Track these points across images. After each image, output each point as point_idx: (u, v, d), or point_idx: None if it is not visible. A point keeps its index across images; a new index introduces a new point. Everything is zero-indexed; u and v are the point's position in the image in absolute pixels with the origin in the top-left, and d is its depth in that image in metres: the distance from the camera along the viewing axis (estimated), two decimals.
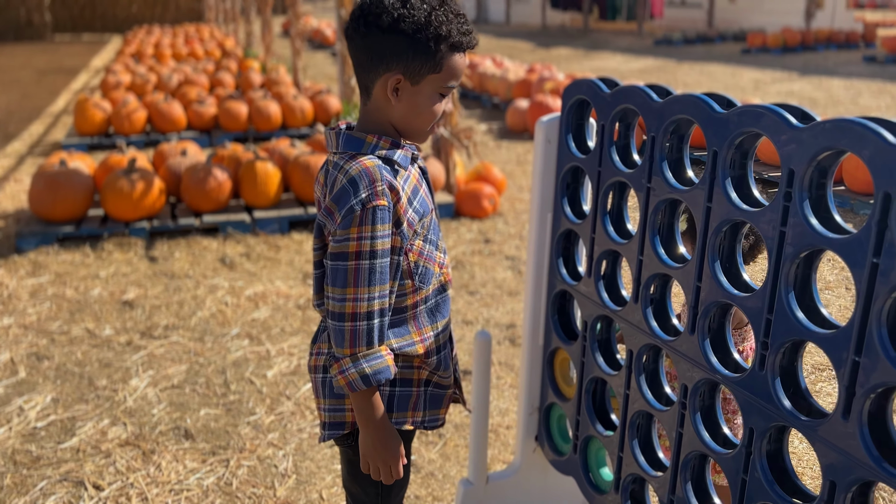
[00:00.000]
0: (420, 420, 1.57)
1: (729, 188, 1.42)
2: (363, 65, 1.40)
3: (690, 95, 1.49)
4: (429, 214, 1.48)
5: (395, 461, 1.47)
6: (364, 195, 1.35)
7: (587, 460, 1.96)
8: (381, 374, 1.39)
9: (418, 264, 1.46)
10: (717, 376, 1.48)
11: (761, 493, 1.40)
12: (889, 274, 1.09)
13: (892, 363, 1.13)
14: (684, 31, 20.36)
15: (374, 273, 1.37)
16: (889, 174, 1.08)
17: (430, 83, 1.40)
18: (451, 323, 1.61)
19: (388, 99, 1.40)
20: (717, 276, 1.45)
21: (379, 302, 1.39)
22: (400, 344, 1.48)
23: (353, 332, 1.38)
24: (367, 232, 1.35)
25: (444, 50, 1.37)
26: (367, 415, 1.44)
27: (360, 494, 1.61)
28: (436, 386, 1.58)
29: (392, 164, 1.42)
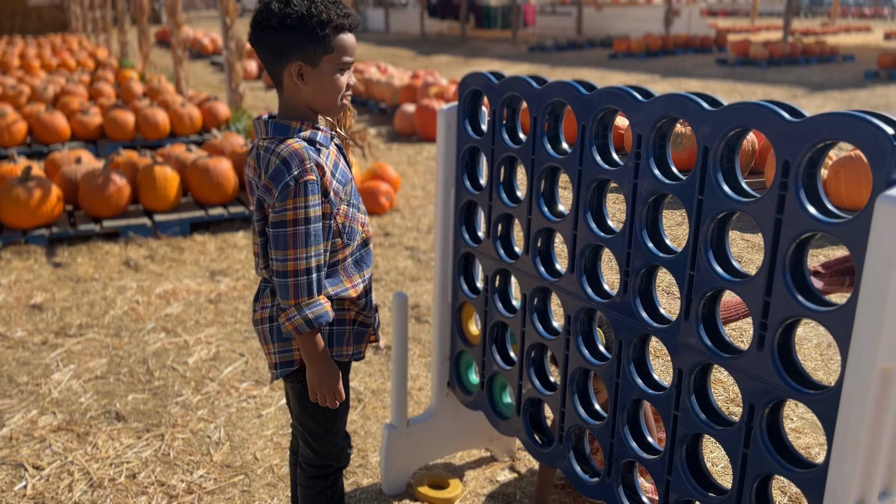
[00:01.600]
0: (351, 353, 1.87)
1: (595, 154, 1.80)
2: (270, 62, 1.69)
3: (563, 82, 1.87)
4: (349, 183, 1.78)
5: (337, 388, 1.76)
6: (296, 172, 1.63)
7: (492, 394, 2.31)
8: (322, 318, 1.68)
9: (345, 225, 1.76)
10: (591, 303, 1.86)
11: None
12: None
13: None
14: (556, 38, 21.40)
15: (310, 236, 1.66)
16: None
17: (328, 63, 1.68)
18: (371, 273, 1.92)
19: (297, 85, 1.68)
20: (589, 224, 1.84)
21: (315, 259, 1.67)
22: (336, 291, 1.78)
23: (295, 285, 1.66)
24: (301, 202, 1.64)
25: (329, 33, 1.65)
26: (312, 353, 1.72)
27: (309, 423, 1.89)
28: (360, 325, 1.89)
29: (315, 144, 1.70)
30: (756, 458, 1.50)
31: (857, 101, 10.88)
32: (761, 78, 13.64)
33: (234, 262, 4.75)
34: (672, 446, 1.69)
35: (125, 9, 16.31)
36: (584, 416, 1.95)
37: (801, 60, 15.57)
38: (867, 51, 18.49)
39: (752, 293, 1.46)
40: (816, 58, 15.77)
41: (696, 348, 1.61)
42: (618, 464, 1.86)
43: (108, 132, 7.89)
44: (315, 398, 1.77)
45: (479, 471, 2.59)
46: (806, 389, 1.41)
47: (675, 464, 1.69)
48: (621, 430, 1.83)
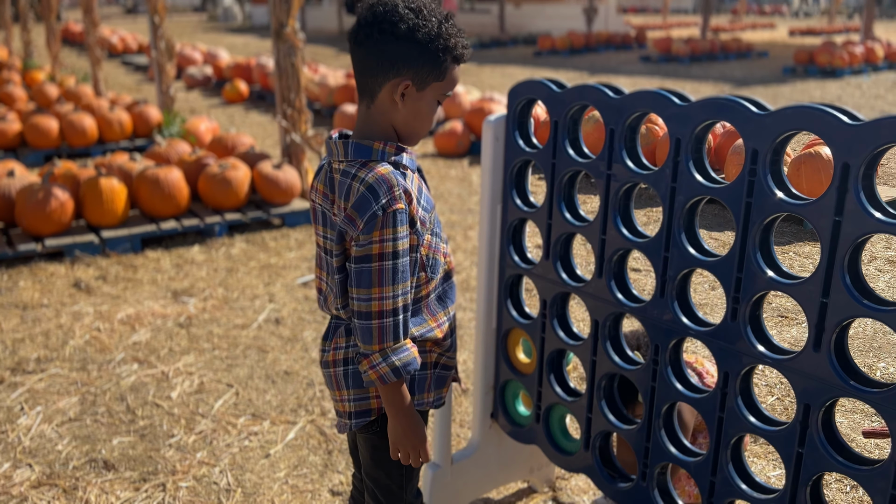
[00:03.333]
0: (431, 401, 1.67)
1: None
2: (371, 69, 1.47)
3: (649, 91, 1.72)
4: (433, 210, 1.58)
5: (423, 445, 1.56)
6: (384, 200, 1.43)
7: (549, 427, 2.15)
8: (410, 366, 1.48)
9: (429, 256, 1.56)
10: (689, 332, 1.72)
11: (740, 426, 1.65)
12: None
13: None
14: (479, 36, 21.38)
15: (398, 272, 1.45)
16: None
17: (434, 90, 1.50)
18: (455, 309, 1.72)
19: (395, 103, 1.48)
20: (683, 245, 1.69)
21: (402, 298, 1.47)
22: (421, 331, 1.57)
23: (380, 328, 1.45)
24: (389, 234, 1.44)
25: (448, 60, 1.48)
26: (398, 404, 1.52)
27: (383, 479, 1.68)
28: (443, 367, 1.69)
29: (400, 167, 1.50)
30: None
31: (782, 96, 11.24)
32: (686, 74, 13.95)
33: (195, 279, 4.41)
34: (795, 485, 1.57)
35: (28, 4, 15.32)
36: (674, 453, 1.81)
37: (721, 56, 16.03)
38: (777, 47, 19.23)
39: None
40: (734, 54, 16.27)
41: (828, 381, 1.48)
42: (719, 502, 1.73)
43: (29, 140, 7.30)
44: (397, 455, 1.56)
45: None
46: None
47: (721, 465, 1.58)
48: (725, 467, 1.70)
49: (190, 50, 15.99)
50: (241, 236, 5.15)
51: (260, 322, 3.83)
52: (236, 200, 5.20)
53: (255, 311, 3.97)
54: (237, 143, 6.00)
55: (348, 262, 1.47)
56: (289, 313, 3.92)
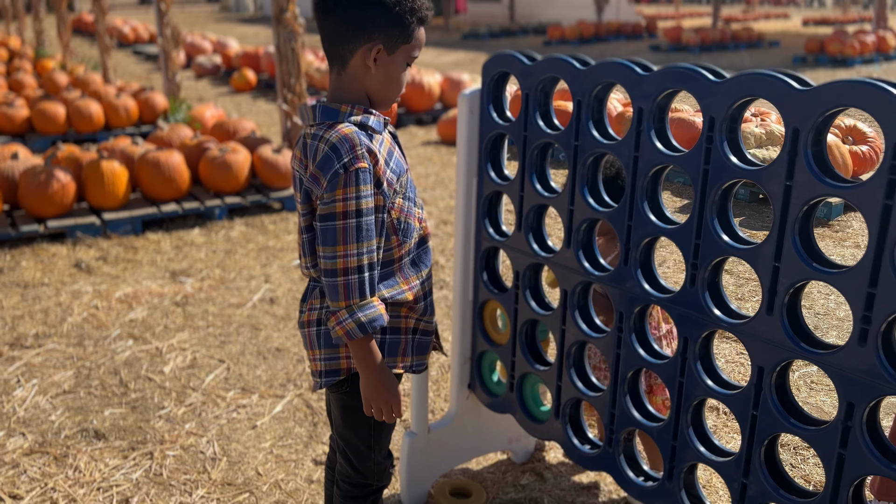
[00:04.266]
0: (409, 364, 1.71)
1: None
2: (342, 36, 1.51)
3: (614, 61, 1.74)
4: (405, 174, 1.62)
5: (395, 400, 1.59)
6: (346, 159, 1.47)
7: (523, 396, 2.19)
8: (376, 322, 1.52)
9: (400, 220, 1.60)
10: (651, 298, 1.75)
11: (699, 391, 1.68)
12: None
13: (805, 263, 1.44)
14: (489, 26, 21.35)
15: (361, 230, 1.49)
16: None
17: (403, 53, 1.54)
18: (431, 273, 1.76)
19: (368, 68, 1.52)
20: (646, 214, 1.72)
21: (368, 256, 1.51)
22: (391, 293, 1.61)
23: (346, 285, 1.49)
24: (352, 193, 1.47)
25: (415, 22, 1.52)
26: (367, 360, 1.55)
27: (353, 439, 1.72)
28: (422, 333, 1.73)
29: (367, 129, 1.54)
30: (856, 458, 1.42)
31: None
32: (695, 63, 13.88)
33: (194, 261, 4.47)
34: (749, 448, 1.60)
35: None
36: (637, 417, 1.84)
37: (731, 46, 15.94)
38: (789, 36, 19.08)
39: (853, 286, 1.37)
40: (745, 43, 16.17)
41: (780, 344, 1.51)
42: (680, 467, 1.76)
43: (36, 126, 7.39)
44: (370, 411, 1.60)
45: (500, 475, 2.46)
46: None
47: (754, 466, 1.60)
48: (685, 431, 1.73)
49: (200, 39, 16.08)
50: (240, 219, 5.21)
51: (255, 301, 3.88)
52: (236, 184, 5.26)
53: (251, 290, 4.03)
54: (238, 127, 6.05)
55: (315, 221, 1.51)
56: (283, 293, 3.98)
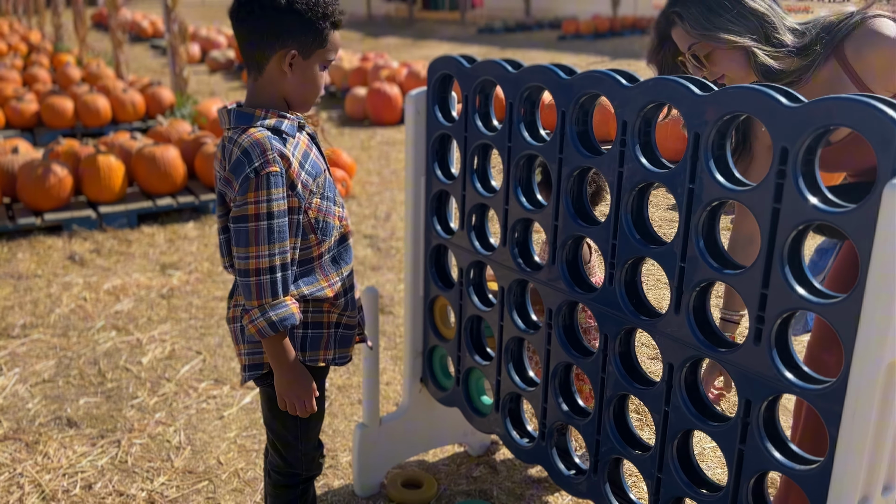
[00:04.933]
0: (332, 357, 1.77)
1: (576, 141, 1.73)
2: (256, 43, 1.57)
3: (541, 66, 1.78)
4: (322, 174, 1.67)
5: (308, 396, 1.65)
6: (257, 163, 1.52)
7: (468, 390, 2.24)
8: (287, 321, 1.57)
9: (318, 220, 1.65)
10: (573, 296, 1.79)
11: (618, 386, 1.73)
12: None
13: (707, 264, 1.48)
14: (505, 20, 21.32)
15: (273, 232, 1.54)
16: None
17: (318, 57, 1.60)
18: (353, 269, 1.82)
19: (284, 73, 1.58)
20: (571, 214, 1.76)
21: (280, 257, 1.56)
22: (311, 290, 1.67)
23: (258, 285, 1.55)
24: (263, 196, 1.52)
25: (328, 27, 1.58)
26: (279, 357, 1.61)
27: (280, 430, 1.78)
28: (345, 327, 1.78)
29: (280, 133, 1.59)
30: (753, 454, 1.46)
31: None
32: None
33: (185, 254, 4.57)
34: (663, 443, 1.64)
35: None
36: (567, 411, 1.89)
37: None
38: None
39: (748, 285, 1.41)
40: None
41: (686, 342, 1.55)
42: (605, 460, 1.81)
43: (45, 120, 7.54)
44: (283, 406, 1.67)
45: (454, 467, 2.52)
46: (807, 384, 1.37)
47: (667, 461, 1.64)
48: (607, 427, 1.77)
49: (215, 34, 16.25)
50: None
51: None
52: None
53: None
54: None
55: (229, 223, 1.57)
56: None
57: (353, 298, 1.79)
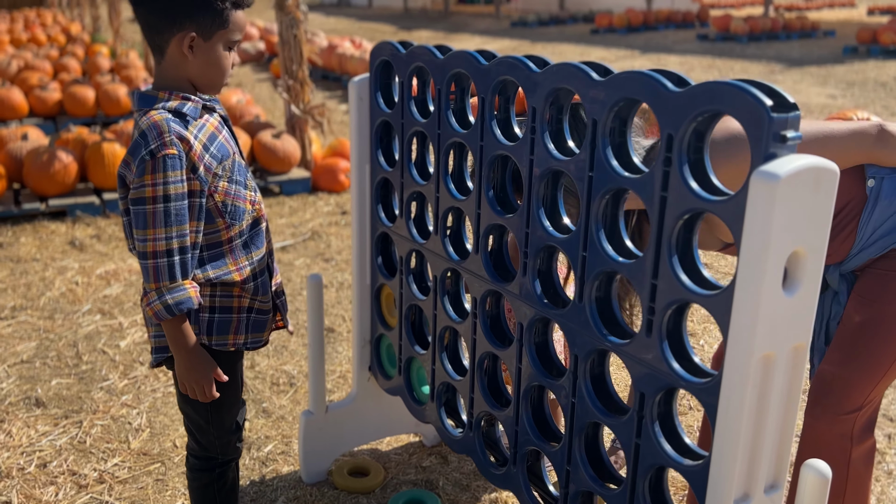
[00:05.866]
0: (243, 342, 1.77)
1: (496, 129, 1.70)
2: (155, 26, 1.58)
3: (463, 52, 1.76)
4: (229, 157, 1.66)
5: (207, 382, 1.65)
6: (153, 146, 1.53)
7: (410, 379, 2.23)
8: (183, 305, 1.56)
9: (226, 203, 1.65)
10: (496, 286, 1.77)
11: (533, 378, 1.70)
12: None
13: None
14: (538, 14, 21.18)
15: (170, 215, 1.54)
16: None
17: (220, 38, 1.59)
18: (269, 254, 1.82)
19: (185, 56, 1.58)
20: (492, 204, 1.74)
21: (178, 241, 1.55)
22: (217, 274, 1.68)
23: (155, 268, 1.55)
24: (160, 178, 1.53)
25: (228, 7, 1.57)
26: (178, 341, 1.61)
27: (191, 413, 1.80)
28: (258, 312, 1.79)
29: (183, 115, 1.59)
30: (648, 448, 1.42)
31: (833, 76, 10.80)
32: (741, 53, 13.52)
33: None
34: (570, 436, 1.61)
35: None
36: (492, 403, 1.87)
37: (782, 36, 15.46)
38: (849, 26, 18.38)
39: (640, 276, 1.37)
40: (797, 33, 15.66)
41: (591, 333, 1.52)
42: (522, 452, 1.78)
43: (67, 108, 7.71)
44: (185, 390, 1.68)
45: (405, 456, 2.51)
46: (693, 377, 1.33)
47: (574, 455, 1.61)
48: (524, 419, 1.75)
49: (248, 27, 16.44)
50: (289, 198, 5.36)
51: None
52: (287, 166, 5.42)
53: None
54: (244, 112, 6.20)
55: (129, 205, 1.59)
56: None
57: (264, 283, 1.79)
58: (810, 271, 1.19)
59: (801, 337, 1.23)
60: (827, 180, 1.14)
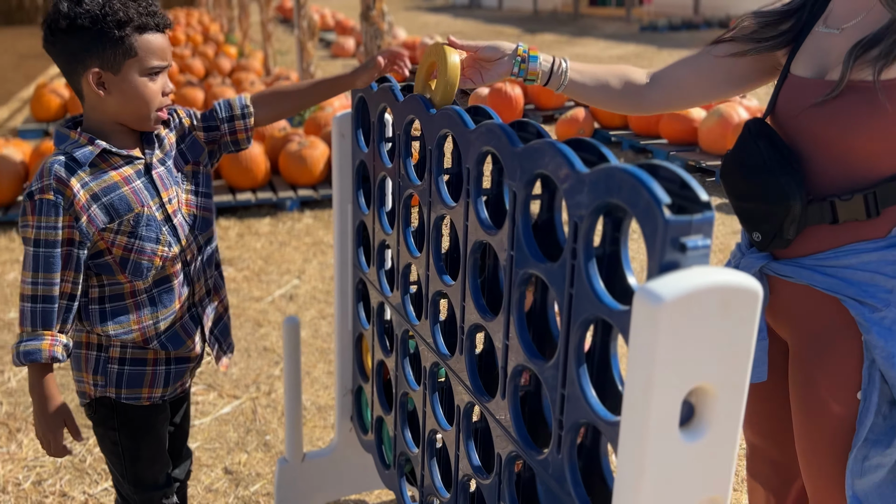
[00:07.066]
0: (160, 395, 1.67)
1: (442, 186, 1.51)
2: (64, 70, 1.49)
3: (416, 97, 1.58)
4: (132, 211, 1.53)
5: (52, 437, 1.54)
6: (34, 187, 1.47)
7: (381, 438, 2.07)
8: (30, 356, 1.47)
9: (126, 259, 1.54)
10: (443, 361, 1.58)
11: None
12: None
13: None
14: (670, 18, 20.31)
15: (39, 260, 1.46)
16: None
17: (131, 68, 1.47)
18: (192, 306, 1.69)
19: (98, 95, 1.48)
20: (438, 267, 1.55)
21: (43, 288, 1.47)
22: (116, 331, 1.58)
23: (21, 311, 1.49)
24: (32, 221, 1.46)
25: (130, 33, 1.45)
26: (33, 390, 1.52)
27: (109, 464, 1.74)
28: (178, 362, 1.68)
29: (75, 159, 1.49)
30: None
31: None
32: None
33: (246, 250, 4.67)
34: None
35: None
36: (438, 484, 1.68)
37: None
38: None
39: (552, 382, 1.15)
40: None
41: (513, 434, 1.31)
42: None
43: None
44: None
45: None
46: None
47: None
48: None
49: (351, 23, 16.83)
50: (310, 212, 5.36)
51: (274, 297, 3.98)
52: (310, 177, 5.41)
53: (279, 285, 4.14)
54: (328, 121, 6.21)
55: None
56: (306, 292, 4.05)
57: (174, 338, 1.65)
58: (723, 412, 0.93)
59: (714, 489, 0.97)
60: (741, 302, 0.89)
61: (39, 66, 13.57)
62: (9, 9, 23.19)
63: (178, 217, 1.62)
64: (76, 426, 1.57)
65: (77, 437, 1.57)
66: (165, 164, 1.61)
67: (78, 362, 1.63)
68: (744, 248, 1.49)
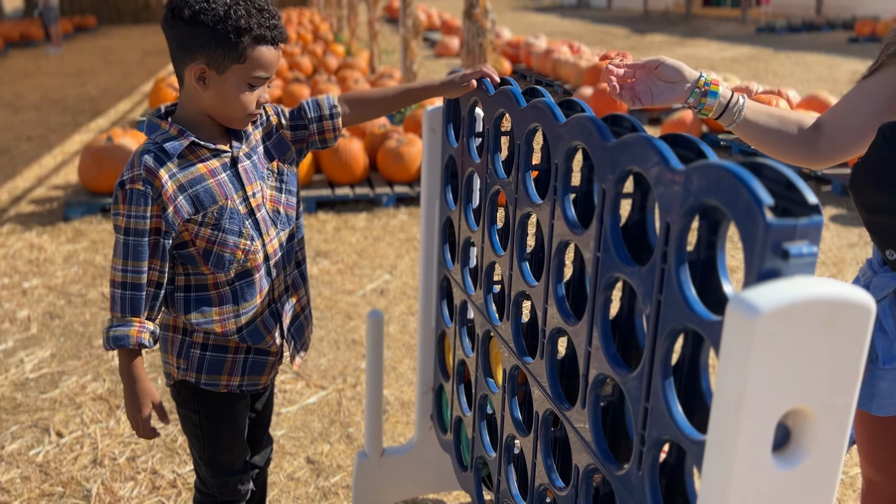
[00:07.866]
0: (237, 384, 1.68)
1: (529, 183, 1.46)
2: (174, 56, 1.52)
3: (508, 89, 1.53)
4: (217, 203, 1.54)
5: (140, 420, 1.57)
6: (125, 177, 1.50)
7: (460, 439, 2.03)
8: (119, 342, 1.50)
9: (209, 251, 1.56)
10: (522, 365, 1.52)
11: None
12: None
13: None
14: (789, 19, 19.39)
15: (128, 248, 1.50)
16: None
17: (236, 73, 1.49)
18: (272, 301, 1.69)
19: (196, 88, 1.51)
20: (522, 266, 1.50)
21: (132, 276, 1.50)
22: (198, 320, 1.60)
23: (112, 296, 1.53)
24: (122, 210, 1.50)
25: (246, 42, 1.46)
26: (123, 373, 1.56)
27: (190, 446, 1.76)
28: (257, 353, 1.69)
29: (165, 151, 1.51)
30: None
31: None
32: None
33: (342, 243, 4.74)
34: None
35: None
36: (514, 491, 1.62)
37: None
38: None
39: (636, 393, 1.08)
40: None
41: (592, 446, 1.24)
42: None
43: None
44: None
45: None
46: None
47: None
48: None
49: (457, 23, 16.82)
50: (406, 208, 5.39)
51: (366, 291, 4.01)
52: (407, 174, 5.44)
53: (371, 280, 4.17)
54: None
55: None
56: (397, 286, 4.06)
57: (255, 333, 1.65)
58: (823, 439, 0.84)
59: None
60: (849, 317, 0.79)
61: (161, 61, 14.30)
62: (136, 8, 24.55)
63: (262, 212, 1.62)
64: (164, 409, 1.61)
65: (164, 419, 1.61)
66: (251, 159, 1.62)
67: (165, 344, 1.67)
68: (876, 267, 1.36)
